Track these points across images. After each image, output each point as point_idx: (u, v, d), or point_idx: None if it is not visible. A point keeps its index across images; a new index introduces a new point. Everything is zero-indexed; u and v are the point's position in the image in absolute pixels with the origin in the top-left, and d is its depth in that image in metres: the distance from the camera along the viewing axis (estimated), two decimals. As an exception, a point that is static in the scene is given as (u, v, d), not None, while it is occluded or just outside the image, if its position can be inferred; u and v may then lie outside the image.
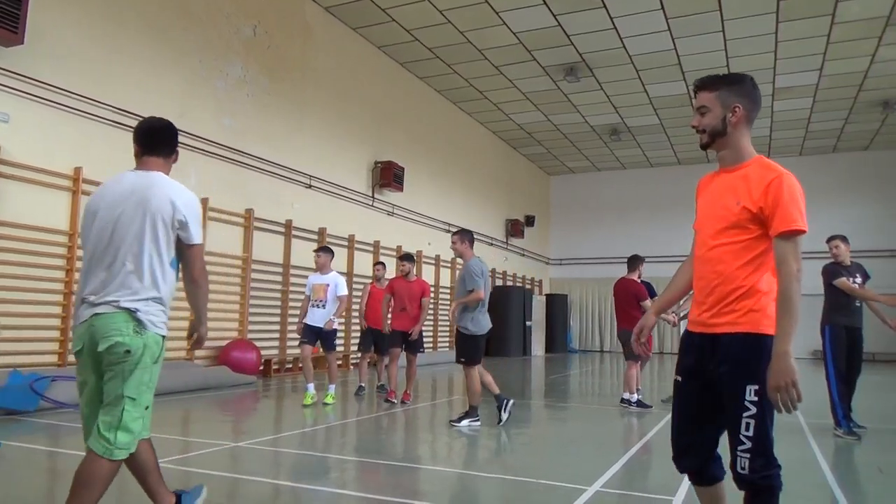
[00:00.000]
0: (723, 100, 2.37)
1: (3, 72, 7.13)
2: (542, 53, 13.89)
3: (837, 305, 6.33)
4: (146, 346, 2.60)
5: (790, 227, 2.22)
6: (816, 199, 20.89)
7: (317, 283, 7.58)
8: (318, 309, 7.46)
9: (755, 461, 2.28)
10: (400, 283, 7.95)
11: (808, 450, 5.50)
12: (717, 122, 2.38)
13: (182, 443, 5.32)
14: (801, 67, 14.28)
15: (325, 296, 7.45)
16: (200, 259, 2.83)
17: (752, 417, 2.26)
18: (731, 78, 2.41)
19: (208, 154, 9.83)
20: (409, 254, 8.22)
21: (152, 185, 2.76)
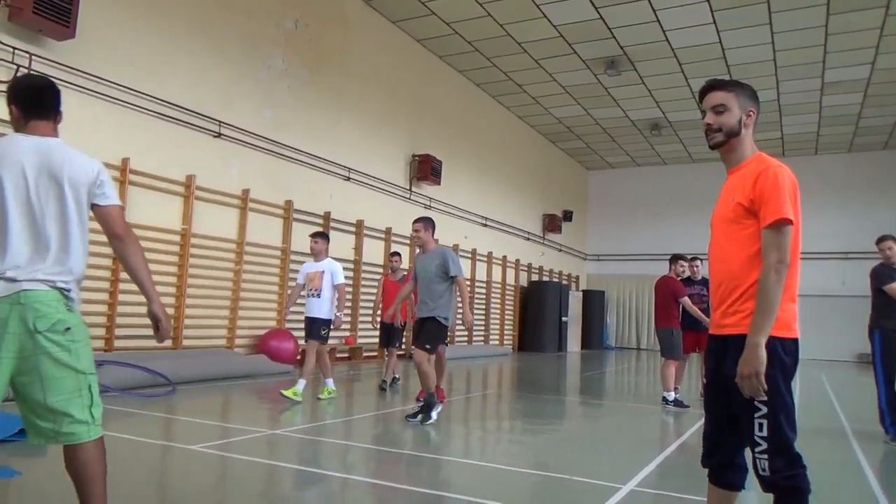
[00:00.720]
0: (740, 102, 2.41)
1: (55, 65, 7.37)
2: (582, 47, 13.73)
3: (887, 309, 6.10)
4: (81, 323, 2.44)
5: (776, 217, 2.21)
6: (866, 197, 20.28)
7: (311, 272, 7.15)
8: (314, 298, 7.04)
9: (775, 461, 2.24)
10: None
11: (853, 456, 5.35)
12: (735, 122, 2.40)
13: (221, 429, 5.44)
14: (852, 61, 13.81)
15: (321, 284, 7.00)
16: (122, 218, 2.61)
17: (764, 417, 2.24)
18: (742, 83, 2.47)
19: (250, 146, 10.00)
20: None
21: (55, 151, 2.44)
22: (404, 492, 3.74)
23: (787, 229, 2.23)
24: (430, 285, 6.03)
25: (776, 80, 15.06)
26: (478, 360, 14.36)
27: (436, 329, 6.01)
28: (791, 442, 2.26)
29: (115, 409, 5.89)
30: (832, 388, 11.34)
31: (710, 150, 2.51)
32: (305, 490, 3.81)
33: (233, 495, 3.61)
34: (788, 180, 2.28)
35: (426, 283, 6.06)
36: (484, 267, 17.15)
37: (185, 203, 8.95)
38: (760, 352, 2.16)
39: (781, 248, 2.21)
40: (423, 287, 6.09)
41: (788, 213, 2.22)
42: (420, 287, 6.16)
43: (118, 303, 8.01)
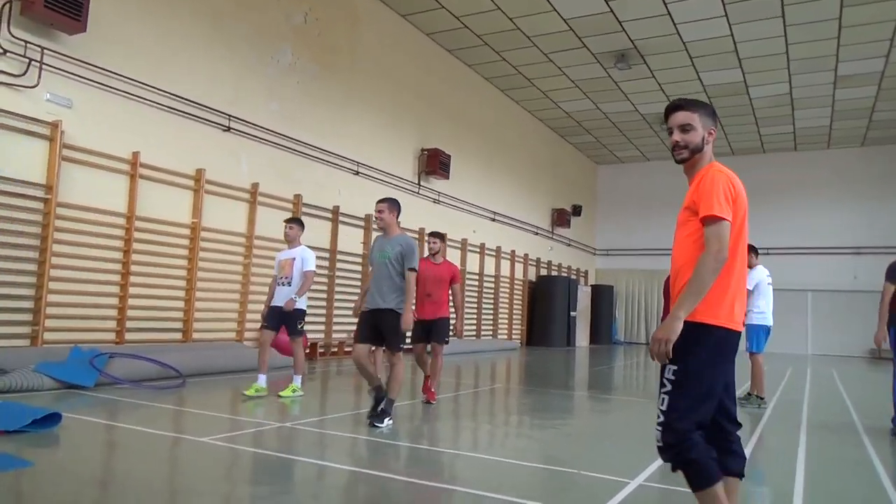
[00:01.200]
0: (703, 121, 2.64)
1: (66, 58, 7.40)
2: (592, 40, 13.65)
3: None
4: None
5: (707, 213, 2.43)
6: (879, 192, 20.08)
7: (283, 259, 6.84)
8: (284, 287, 6.69)
9: (666, 435, 2.44)
10: (425, 266, 6.86)
11: (864, 452, 5.31)
12: (699, 140, 2.63)
13: (230, 422, 5.48)
14: (865, 54, 13.66)
15: (292, 272, 6.71)
16: None
17: (667, 393, 2.45)
18: (705, 104, 2.70)
19: (259, 140, 10.02)
20: (440, 232, 7.25)
21: None
22: (412, 485, 3.75)
23: (723, 224, 2.42)
24: (386, 273, 5.44)
25: (788, 74, 14.92)
26: (486, 355, 14.37)
27: (396, 325, 5.42)
28: (684, 423, 2.40)
29: (125, 401, 5.94)
30: (843, 383, 11.27)
31: (676, 164, 2.68)
32: (315, 483, 3.82)
33: (242, 488, 3.64)
34: (724, 184, 2.48)
35: (382, 271, 5.46)
36: (492, 261, 17.13)
37: (195, 197, 8.98)
38: (677, 324, 2.36)
39: (720, 239, 2.41)
40: (379, 275, 5.48)
41: (719, 211, 2.41)
42: (374, 275, 5.55)
43: (129, 296, 8.06)
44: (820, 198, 21.02)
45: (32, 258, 7.15)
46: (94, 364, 6.53)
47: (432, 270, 6.85)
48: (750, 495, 3.89)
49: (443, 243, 7.03)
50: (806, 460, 4.83)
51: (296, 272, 6.71)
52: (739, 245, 2.53)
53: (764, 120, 18.43)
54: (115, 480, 3.68)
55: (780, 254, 21.06)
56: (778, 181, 21.45)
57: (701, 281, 2.38)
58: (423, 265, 6.79)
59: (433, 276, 6.82)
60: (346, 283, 11.75)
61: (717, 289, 2.43)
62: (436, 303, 6.83)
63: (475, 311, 16.23)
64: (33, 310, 7.12)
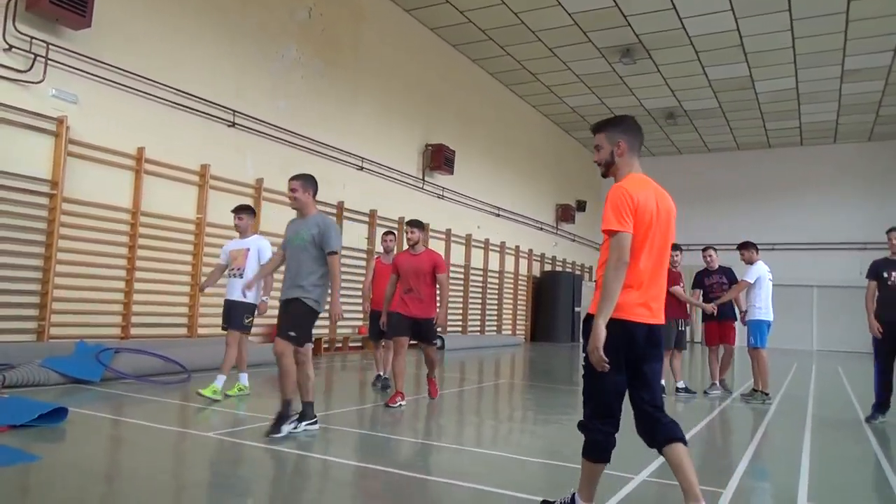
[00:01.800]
0: (609, 138, 3.00)
1: (72, 54, 7.42)
2: (597, 35, 13.60)
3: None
4: None
5: (604, 228, 2.82)
6: (885, 187, 19.97)
7: (235, 249, 6.34)
8: (237, 280, 6.18)
9: (584, 410, 2.98)
10: (404, 259, 6.33)
11: (869, 446, 5.31)
12: (607, 155, 3.01)
13: (234, 416, 5.50)
14: (873, 48, 13.58)
15: (245, 263, 6.23)
16: None
17: (583, 378, 2.95)
18: (612, 120, 3.05)
19: (264, 135, 10.02)
20: (418, 220, 6.52)
21: None
22: (416, 480, 3.76)
23: (619, 236, 2.76)
24: (301, 258, 4.85)
25: (795, 68, 14.84)
26: (490, 350, 14.38)
27: (302, 313, 4.75)
28: (594, 400, 2.91)
29: (131, 395, 5.97)
30: (848, 379, 11.23)
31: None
32: (318, 477, 3.84)
33: (247, 482, 3.65)
34: (619, 199, 2.82)
35: (295, 256, 4.90)
36: (497, 257, 17.12)
37: (200, 192, 9.00)
38: (601, 331, 2.72)
39: (619, 249, 2.76)
40: (292, 260, 4.93)
41: (612, 225, 2.78)
42: (288, 260, 5.00)
43: (134, 291, 8.09)
44: (826, 193, 20.93)
45: (38, 253, 7.18)
46: (100, 359, 6.56)
47: (411, 262, 6.25)
48: (755, 490, 3.89)
49: (422, 233, 6.38)
50: (810, 455, 4.82)
51: (250, 264, 6.21)
52: (645, 247, 2.82)
53: (770, 115, 18.34)
54: (121, 475, 3.71)
55: (786, 249, 20.99)
56: (783, 176, 21.35)
57: (607, 288, 2.74)
58: (403, 258, 6.33)
59: (412, 268, 6.21)
60: (351, 278, 11.75)
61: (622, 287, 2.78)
62: (422, 300, 6.20)
63: (479, 307, 16.23)
64: (39, 305, 7.15)
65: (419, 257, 6.27)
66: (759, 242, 8.76)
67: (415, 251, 6.30)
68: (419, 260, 6.24)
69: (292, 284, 4.85)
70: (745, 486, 3.91)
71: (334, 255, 4.88)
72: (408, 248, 6.37)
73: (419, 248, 6.33)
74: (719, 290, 8.15)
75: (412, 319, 6.19)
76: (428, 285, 6.22)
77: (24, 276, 7.05)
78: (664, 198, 2.98)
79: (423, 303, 6.20)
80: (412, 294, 6.20)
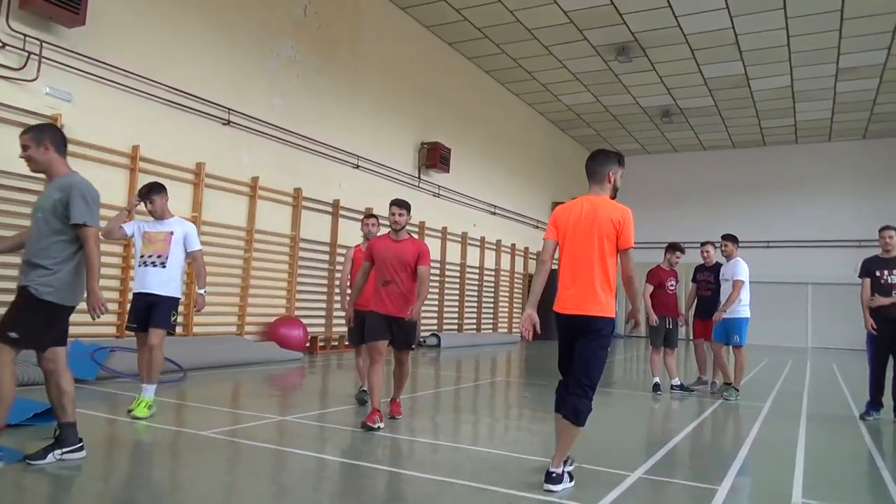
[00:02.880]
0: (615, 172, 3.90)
1: (65, 52, 7.38)
2: (593, 33, 13.60)
3: None
4: None
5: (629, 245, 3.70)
6: (880, 185, 20.04)
7: (153, 232, 5.22)
8: (155, 269, 5.12)
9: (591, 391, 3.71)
10: (383, 244, 5.27)
11: (863, 443, 5.33)
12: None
13: (231, 415, 5.49)
14: (867, 46, 13.61)
15: (168, 249, 5.16)
16: None
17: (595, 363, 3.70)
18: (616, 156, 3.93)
19: (259, 133, 10.00)
20: (404, 200, 5.44)
21: None
22: (413, 478, 3.76)
23: (544, 241, 3.85)
24: (38, 235, 3.68)
25: (790, 66, 14.88)
26: (486, 349, 14.39)
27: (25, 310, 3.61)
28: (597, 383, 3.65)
29: (126, 394, 5.96)
30: (843, 376, 11.28)
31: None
32: (316, 476, 3.84)
33: (244, 481, 3.65)
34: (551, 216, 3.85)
35: (33, 233, 3.74)
36: (493, 255, 17.13)
37: (196, 190, 8.98)
38: (532, 312, 3.74)
39: (542, 253, 3.85)
40: (32, 237, 3.73)
41: (546, 235, 3.85)
42: (29, 237, 3.77)
43: (129, 290, 8.06)
44: (821, 191, 20.99)
45: (33, 252, 7.14)
46: (95, 358, 6.55)
47: (392, 250, 5.21)
48: (750, 487, 3.90)
49: (408, 214, 5.36)
50: (805, 452, 4.84)
51: (174, 251, 5.19)
52: (564, 250, 3.72)
53: (765, 113, 18.39)
54: (116, 474, 3.70)
55: (781, 247, 21.06)
56: (779, 174, 21.41)
57: (533, 284, 3.85)
58: (380, 244, 5.30)
59: (393, 256, 5.19)
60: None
61: None
62: (400, 295, 5.16)
63: (476, 305, 16.24)
64: (34, 304, 7.10)
65: (402, 245, 5.23)
66: (754, 240, 8.81)
67: (397, 237, 5.29)
68: (402, 248, 5.21)
69: (25, 270, 3.68)
70: (740, 482, 3.93)
71: (86, 231, 3.70)
72: (388, 232, 5.37)
73: (403, 234, 5.33)
74: (705, 288, 8.19)
75: (390, 319, 5.15)
76: (410, 278, 5.21)
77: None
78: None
79: (404, 298, 5.17)
80: (391, 287, 5.15)
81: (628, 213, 3.66)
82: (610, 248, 3.61)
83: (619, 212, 3.64)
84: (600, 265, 3.60)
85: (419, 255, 5.21)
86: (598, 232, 3.61)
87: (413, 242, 5.30)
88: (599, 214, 3.63)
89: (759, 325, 21.25)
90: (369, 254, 5.32)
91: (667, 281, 8.22)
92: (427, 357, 11.51)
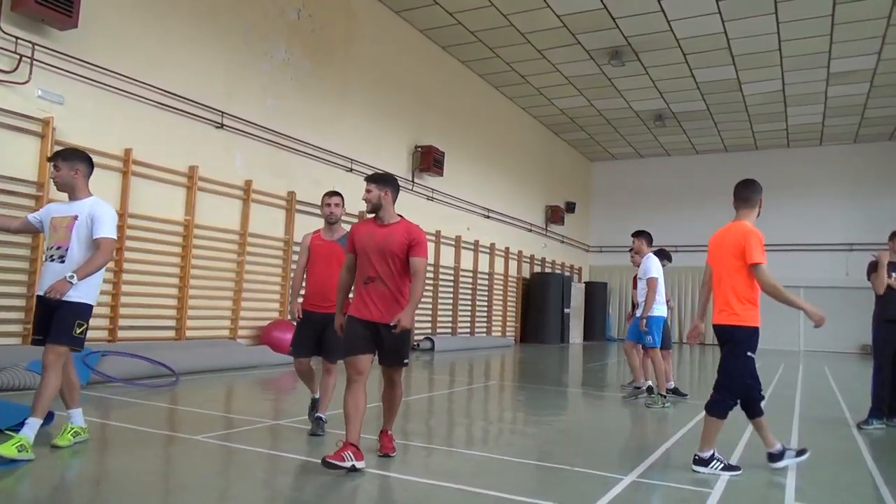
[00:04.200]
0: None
1: (57, 55, 7.35)
2: (586, 37, 13.65)
3: None
4: None
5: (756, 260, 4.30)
6: (871, 189, 20.17)
7: (58, 216, 4.10)
8: (51, 264, 3.99)
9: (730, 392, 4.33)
10: (367, 231, 4.07)
11: (855, 445, 5.35)
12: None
13: (224, 419, 5.47)
14: (858, 51, 13.72)
15: (69, 238, 4.00)
16: None
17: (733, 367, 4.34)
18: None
19: (253, 137, 9.98)
20: (383, 174, 4.25)
21: None
22: (407, 482, 3.75)
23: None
24: None
25: (781, 71, 14.97)
26: (480, 352, 14.39)
27: None
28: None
29: (118, 399, 5.92)
30: (835, 379, 11.33)
31: None
32: (309, 480, 3.82)
33: (236, 485, 3.63)
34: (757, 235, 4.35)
35: None
36: (486, 258, 17.14)
37: (189, 194, 8.95)
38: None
39: None
40: None
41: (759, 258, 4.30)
42: None
43: (122, 293, 8.03)
44: (812, 194, 21.10)
45: (24, 256, 7.11)
46: (87, 362, 6.50)
47: (377, 237, 4.01)
48: (744, 490, 3.91)
49: (389, 193, 4.09)
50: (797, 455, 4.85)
51: (76, 238, 4.00)
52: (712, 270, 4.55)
53: (757, 117, 18.49)
54: (108, 478, 3.67)
55: (773, 250, 21.06)
56: (771, 178, 21.45)
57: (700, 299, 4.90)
58: (363, 230, 4.08)
59: (377, 245, 3.99)
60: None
61: None
62: (387, 295, 3.97)
63: (470, 308, 16.24)
64: (25, 308, 7.08)
65: (390, 230, 4.02)
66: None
67: (382, 220, 4.07)
68: (389, 234, 4.00)
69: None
70: (733, 485, 3.94)
71: None
72: (369, 214, 4.14)
73: (388, 216, 4.07)
74: None
75: (375, 326, 3.96)
76: (400, 274, 3.99)
77: (10, 278, 6.98)
78: None
79: (392, 299, 3.96)
80: (376, 286, 3.96)
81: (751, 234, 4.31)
82: (739, 264, 4.33)
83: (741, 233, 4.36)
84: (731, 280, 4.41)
85: (411, 242, 3.98)
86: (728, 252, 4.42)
87: (405, 226, 4.06)
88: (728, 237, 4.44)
89: (751, 328, 21.48)
90: (352, 243, 4.11)
91: None
92: (421, 360, 11.49)
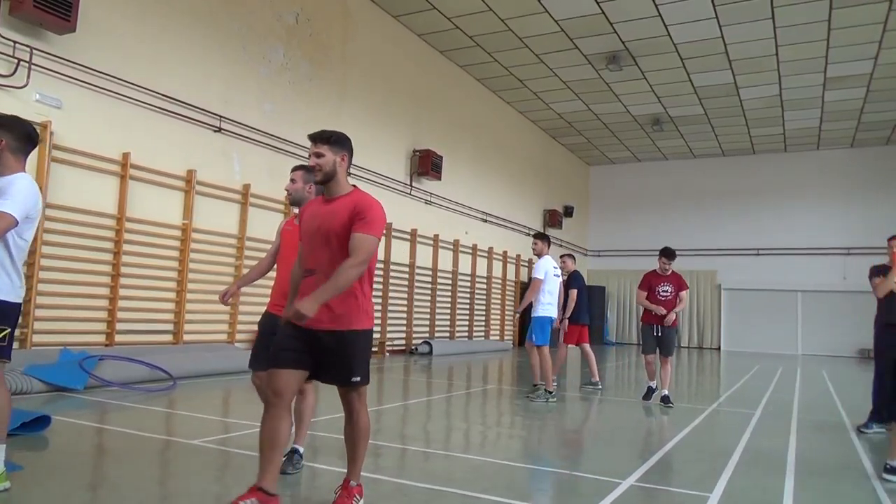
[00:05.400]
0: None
1: (55, 59, 7.35)
2: (584, 41, 13.69)
3: None
4: None
5: None
6: (868, 193, 20.22)
7: None
8: None
9: None
10: (312, 210, 3.22)
11: (853, 450, 5.35)
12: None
13: (221, 424, 5.45)
14: (854, 56, 13.77)
15: None
16: None
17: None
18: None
19: (251, 140, 9.98)
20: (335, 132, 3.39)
21: None
22: (403, 486, 3.75)
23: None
24: None
25: (778, 75, 15.02)
26: (478, 356, 14.38)
27: None
28: None
29: (115, 403, 5.91)
30: (833, 383, 11.34)
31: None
32: (306, 484, 3.81)
33: (234, 490, 3.62)
34: None
35: None
36: (485, 262, 17.14)
37: (186, 198, 8.94)
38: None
39: None
40: None
41: None
42: None
43: (119, 297, 8.01)
44: (809, 199, 21.15)
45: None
46: (84, 366, 6.49)
47: (320, 217, 3.12)
48: (741, 495, 3.91)
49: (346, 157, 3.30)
50: (796, 459, 4.85)
51: None
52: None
53: (754, 121, 18.54)
54: (105, 484, 3.66)
55: (770, 254, 21.19)
56: (768, 182, 21.58)
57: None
58: (308, 210, 3.26)
59: (318, 228, 3.10)
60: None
61: None
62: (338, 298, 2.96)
63: (468, 312, 16.23)
64: (22, 312, 7.04)
65: (333, 205, 3.11)
66: (744, 247, 8.91)
67: (330, 194, 3.18)
68: (331, 210, 3.08)
69: None
70: (731, 490, 3.93)
71: None
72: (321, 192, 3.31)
73: (339, 187, 3.18)
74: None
75: (313, 333, 2.98)
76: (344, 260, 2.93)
77: None
78: None
79: (337, 297, 2.94)
80: (316, 280, 2.99)
81: None
82: None
83: None
84: None
85: (355, 212, 3.00)
86: None
87: (354, 198, 3.10)
88: None
89: (748, 331, 21.49)
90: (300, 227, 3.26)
91: (657, 286, 8.28)
92: (419, 364, 11.48)
